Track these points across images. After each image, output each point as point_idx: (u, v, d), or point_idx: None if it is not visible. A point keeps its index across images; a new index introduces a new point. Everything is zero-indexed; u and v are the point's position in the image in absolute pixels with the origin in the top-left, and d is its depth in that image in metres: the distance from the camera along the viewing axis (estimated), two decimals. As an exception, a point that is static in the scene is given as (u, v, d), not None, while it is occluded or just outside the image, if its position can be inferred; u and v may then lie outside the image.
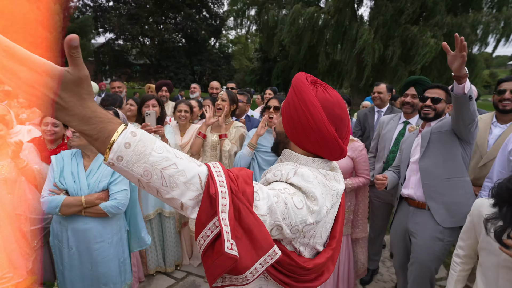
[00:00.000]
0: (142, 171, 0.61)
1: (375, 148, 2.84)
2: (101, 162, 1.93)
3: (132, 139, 0.60)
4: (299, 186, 0.81)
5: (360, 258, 2.57)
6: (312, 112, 0.84)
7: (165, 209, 2.81)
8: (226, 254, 0.63)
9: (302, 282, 0.88)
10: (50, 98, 0.53)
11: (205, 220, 0.66)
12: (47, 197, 1.76)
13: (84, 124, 0.57)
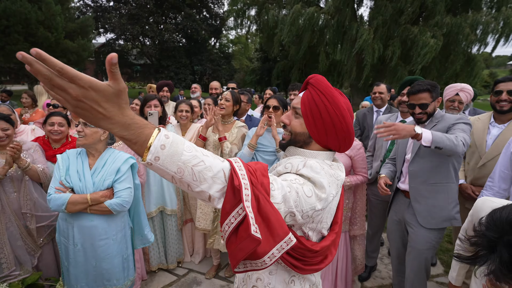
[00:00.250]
0: (176, 169, 0.69)
1: (372, 147, 2.89)
2: (105, 161, 1.97)
3: (166, 141, 0.68)
4: (308, 177, 0.90)
5: (358, 255, 2.62)
6: (344, 115, 0.97)
7: (167, 207, 2.86)
8: (252, 236, 0.70)
9: (310, 265, 0.98)
10: (95, 109, 0.61)
11: (229, 209, 0.74)
12: (53, 195, 1.81)
13: (124, 130, 0.65)
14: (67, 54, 15.63)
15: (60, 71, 0.56)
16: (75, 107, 0.61)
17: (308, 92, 1.01)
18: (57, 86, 0.58)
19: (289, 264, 0.96)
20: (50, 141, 2.52)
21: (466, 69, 12.85)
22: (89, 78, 0.59)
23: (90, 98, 0.60)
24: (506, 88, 2.19)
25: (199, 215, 2.82)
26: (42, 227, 2.38)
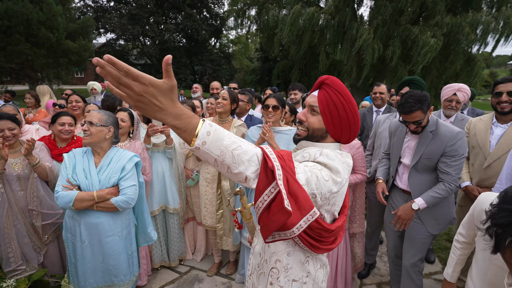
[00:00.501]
0: (219, 152, 0.80)
1: (371, 146, 2.94)
2: (110, 159, 2.02)
3: (211, 129, 0.79)
4: (324, 163, 1.02)
5: (357, 252, 2.67)
6: (357, 112, 1.13)
7: (169, 205, 2.91)
8: (285, 208, 0.81)
9: (325, 244, 1.11)
10: (153, 102, 0.73)
11: (263, 188, 0.85)
12: (61, 192, 1.86)
13: (176, 120, 0.76)
14: (68, 54, 15.70)
15: (127, 72, 0.69)
16: (136, 102, 0.72)
17: (324, 92, 1.13)
18: (124, 84, 0.69)
19: (307, 244, 1.08)
20: (57, 140, 2.57)
21: (466, 68, 12.82)
22: (149, 77, 0.71)
23: (149, 93, 0.71)
24: (505, 89, 2.19)
25: (204, 213, 2.86)
26: (48, 224, 2.43)
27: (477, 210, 1.50)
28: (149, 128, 2.58)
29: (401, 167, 2.25)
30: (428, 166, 2.10)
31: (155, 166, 2.83)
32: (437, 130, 2.05)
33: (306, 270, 1.15)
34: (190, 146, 0.79)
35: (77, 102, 3.34)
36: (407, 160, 2.19)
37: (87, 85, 4.96)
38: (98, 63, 0.66)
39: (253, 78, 25.32)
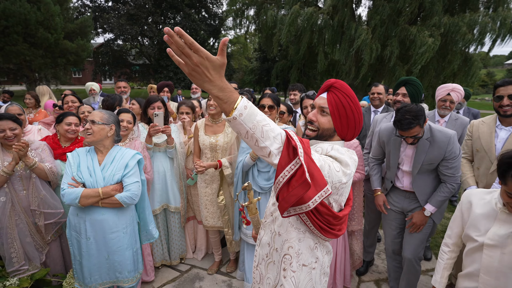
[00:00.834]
0: (251, 125, 0.93)
1: (369, 144, 2.97)
2: (114, 157, 2.07)
3: (248, 104, 0.92)
4: (335, 157, 1.14)
5: (355, 249, 2.71)
6: (361, 112, 1.25)
7: (170, 204, 2.94)
8: (306, 181, 0.92)
9: (331, 230, 1.21)
10: (205, 74, 0.86)
11: (285, 163, 0.94)
12: (67, 190, 1.90)
13: (220, 92, 0.90)
14: (66, 54, 15.69)
15: (191, 44, 0.82)
16: (191, 70, 0.86)
17: (333, 94, 1.23)
18: (186, 53, 0.83)
19: (318, 227, 1.18)
20: (61, 140, 2.59)
21: (463, 68, 12.91)
22: (207, 52, 0.84)
23: (204, 65, 0.85)
24: (506, 92, 2.15)
25: (205, 214, 2.89)
26: (50, 224, 2.45)
27: (464, 204, 1.60)
28: (151, 128, 2.61)
29: (400, 172, 2.34)
30: (428, 170, 2.21)
31: (156, 166, 2.86)
32: (432, 136, 2.12)
33: (315, 256, 1.25)
34: (227, 117, 0.92)
35: (73, 102, 3.37)
36: (406, 167, 2.26)
37: (86, 86, 4.97)
38: (169, 32, 0.79)
39: (252, 78, 25.36)
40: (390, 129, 2.34)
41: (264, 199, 2.51)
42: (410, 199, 2.33)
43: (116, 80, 4.42)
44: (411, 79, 2.67)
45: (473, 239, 1.52)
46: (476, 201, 1.54)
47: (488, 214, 1.48)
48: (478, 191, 1.60)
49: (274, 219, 1.32)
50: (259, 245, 1.40)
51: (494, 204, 1.48)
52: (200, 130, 2.84)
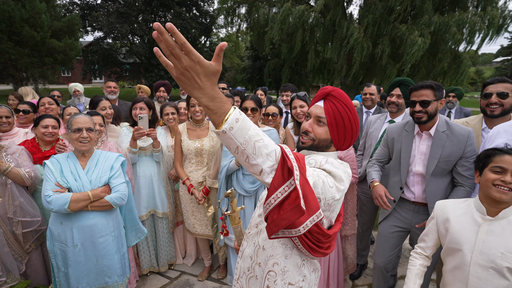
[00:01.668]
0: (242, 140, 0.83)
1: (363, 146, 2.93)
2: (97, 160, 2.02)
3: (240, 117, 0.83)
4: (329, 171, 1.06)
5: (349, 254, 2.66)
6: (357, 122, 1.19)
7: (158, 210, 2.84)
8: (300, 207, 0.84)
9: (321, 249, 1.14)
10: (195, 79, 0.76)
11: (278, 184, 0.87)
12: (53, 196, 1.82)
13: (210, 101, 0.80)
14: (53, 53, 15.29)
15: (182, 45, 0.71)
16: (180, 74, 0.76)
17: (331, 103, 1.17)
18: (175, 54, 0.73)
19: (306, 246, 1.11)
20: (40, 144, 2.48)
21: (453, 66, 13.06)
22: (199, 55, 0.74)
23: (194, 70, 0.75)
24: (495, 90, 2.01)
25: (193, 221, 2.80)
26: (29, 232, 2.33)
27: (439, 217, 1.52)
28: (135, 131, 2.49)
29: (410, 178, 2.09)
30: (444, 170, 1.96)
31: (143, 170, 2.75)
32: (450, 129, 1.93)
33: (302, 274, 1.18)
34: (216, 129, 0.83)
35: (50, 104, 3.22)
36: (419, 167, 2.01)
37: (69, 86, 4.79)
38: (159, 28, 0.69)
39: (244, 77, 25.23)
40: (400, 126, 2.15)
41: (249, 202, 2.44)
42: (419, 213, 2.07)
43: (106, 79, 4.24)
44: (405, 80, 2.62)
45: (454, 255, 1.43)
46: (452, 212, 1.46)
47: (468, 227, 1.39)
48: (451, 201, 1.52)
49: (259, 232, 1.24)
50: (241, 257, 1.31)
51: (472, 214, 1.40)
52: (183, 134, 2.73)
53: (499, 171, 1.30)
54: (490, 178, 1.32)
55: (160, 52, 0.75)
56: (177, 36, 0.70)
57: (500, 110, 2.00)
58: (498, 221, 1.33)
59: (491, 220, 1.34)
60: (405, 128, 2.12)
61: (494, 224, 1.33)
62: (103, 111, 2.79)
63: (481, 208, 1.38)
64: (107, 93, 4.05)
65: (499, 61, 39.64)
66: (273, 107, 2.74)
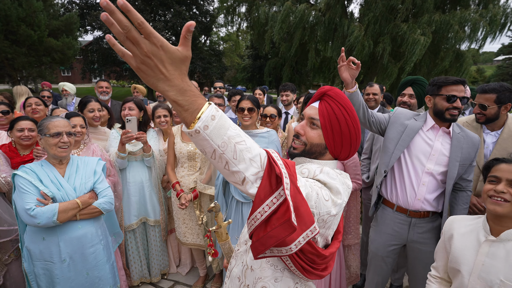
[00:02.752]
0: (220, 142, 0.69)
1: (369, 149, 2.76)
2: (77, 166, 1.90)
3: (216, 113, 0.68)
4: (325, 182, 0.92)
5: (352, 264, 2.50)
6: (359, 127, 1.03)
7: (149, 217, 2.68)
8: (290, 222, 0.71)
9: (316, 270, 1.00)
10: (159, 68, 0.62)
11: (264, 196, 0.73)
12: (38, 209, 1.66)
13: (180, 95, 0.66)
14: (51, 52, 15.09)
15: (140, 25, 0.57)
16: (140, 63, 0.62)
17: (326, 104, 1.02)
18: (132, 38, 0.59)
19: (300, 268, 0.97)
20: (18, 148, 2.32)
21: (455, 65, 12.92)
22: (162, 38, 0.61)
23: (158, 56, 0.61)
24: (478, 101, 2.08)
25: (184, 230, 2.64)
26: (9, 241, 2.18)
27: (446, 232, 1.39)
28: (123, 135, 2.33)
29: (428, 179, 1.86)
30: (458, 175, 1.83)
31: (133, 176, 2.59)
32: (463, 132, 1.85)
33: None
34: (188, 129, 0.68)
35: (37, 104, 3.04)
36: (431, 165, 1.83)
37: (58, 85, 4.61)
38: (108, 6, 0.54)
39: (244, 76, 25.09)
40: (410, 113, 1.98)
41: (248, 210, 2.28)
42: (416, 226, 1.88)
43: (106, 79, 4.07)
44: (418, 79, 2.44)
45: (455, 276, 1.29)
46: (458, 230, 1.33)
47: (470, 246, 1.25)
48: (461, 217, 1.38)
49: (247, 250, 1.09)
50: (229, 277, 1.17)
51: (477, 233, 1.25)
52: (176, 137, 2.58)
53: (494, 180, 1.20)
54: (485, 189, 1.22)
55: (114, 39, 0.59)
56: (132, 14, 0.56)
57: (484, 118, 2.08)
58: (503, 243, 1.17)
59: (493, 241, 1.19)
60: (414, 117, 1.95)
61: (498, 246, 1.18)
62: (91, 113, 2.62)
63: (486, 226, 1.23)
64: (99, 93, 3.87)
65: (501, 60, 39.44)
66: (271, 108, 2.59)
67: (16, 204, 1.70)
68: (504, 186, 1.16)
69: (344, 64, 1.82)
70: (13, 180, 1.74)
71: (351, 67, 1.81)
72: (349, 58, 1.80)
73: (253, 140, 0.85)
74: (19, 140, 2.26)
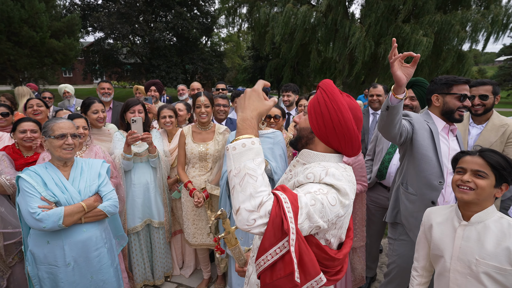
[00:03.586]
0: (237, 166, 0.83)
1: (372, 150, 2.74)
2: (81, 169, 1.90)
3: (248, 145, 0.85)
4: (331, 184, 0.93)
5: (357, 267, 2.48)
6: (342, 111, 1.01)
7: (154, 219, 2.66)
8: (294, 281, 0.78)
9: (330, 275, 1.00)
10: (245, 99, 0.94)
11: (268, 246, 0.80)
12: (43, 213, 1.64)
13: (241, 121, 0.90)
14: (53, 53, 15.14)
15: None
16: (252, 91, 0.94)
17: (316, 93, 1.09)
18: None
19: None
20: (21, 149, 2.31)
21: (457, 66, 12.88)
22: (259, 88, 0.94)
23: (249, 94, 0.94)
24: (477, 92, 2.26)
25: (194, 230, 2.61)
26: (13, 244, 2.17)
27: (426, 223, 1.51)
28: (128, 136, 2.32)
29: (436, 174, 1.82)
30: None
31: (138, 178, 2.57)
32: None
33: None
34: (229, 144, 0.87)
35: (38, 106, 3.02)
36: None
37: (59, 88, 4.59)
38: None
39: (245, 77, 25.08)
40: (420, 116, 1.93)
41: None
42: None
43: (107, 80, 4.06)
44: (418, 80, 2.41)
45: (438, 262, 1.43)
46: (435, 219, 1.47)
47: (448, 233, 1.39)
48: (437, 208, 1.53)
49: None
50: (247, 283, 1.18)
51: (452, 220, 1.40)
52: (188, 137, 2.57)
53: (461, 171, 1.33)
54: (454, 179, 1.35)
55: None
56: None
57: (483, 109, 2.27)
58: (474, 225, 1.31)
59: (466, 225, 1.33)
60: (426, 120, 1.91)
61: (470, 229, 1.32)
62: (95, 115, 2.61)
63: (458, 213, 1.37)
64: (101, 95, 3.86)
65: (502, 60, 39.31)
66: (276, 109, 2.57)
67: (21, 207, 1.69)
68: (469, 176, 1.28)
69: (398, 58, 1.52)
70: (17, 183, 1.73)
71: (404, 65, 1.53)
72: (403, 53, 1.50)
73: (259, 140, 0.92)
74: (22, 142, 2.26)
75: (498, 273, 1.21)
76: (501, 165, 1.23)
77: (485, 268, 1.23)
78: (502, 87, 28.51)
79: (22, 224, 1.83)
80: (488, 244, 1.24)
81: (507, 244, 1.20)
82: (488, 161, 1.25)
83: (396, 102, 1.59)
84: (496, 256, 1.22)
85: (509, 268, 1.19)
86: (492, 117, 2.33)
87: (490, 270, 1.22)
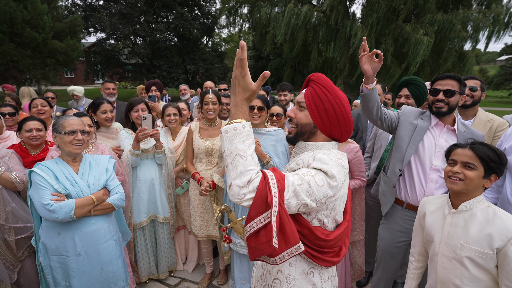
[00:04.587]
0: (229, 147, 0.94)
1: (371, 148, 2.80)
2: (89, 164, 1.98)
3: (240, 128, 0.95)
4: (318, 168, 1.01)
5: (357, 261, 2.54)
6: (344, 104, 1.11)
7: (159, 214, 2.73)
8: (271, 244, 0.89)
9: (328, 256, 1.09)
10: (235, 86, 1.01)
11: (254, 215, 0.92)
12: (56, 205, 1.73)
13: (234, 107, 1.00)
14: (55, 54, 15.25)
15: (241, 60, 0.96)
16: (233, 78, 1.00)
17: (310, 88, 1.14)
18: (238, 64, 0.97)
19: (310, 256, 1.08)
20: (28, 148, 2.37)
21: (458, 65, 12.88)
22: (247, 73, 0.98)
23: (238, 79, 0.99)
24: (468, 85, 2.25)
25: (200, 223, 2.68)
26: (23, 239, 2.24)
27: (420, 211, 1.61)
28: (139, 133, 2.39)
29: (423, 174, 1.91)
30: None
31: (143, 174, 2.64)
32: (468, 130, 1.91)
33: (311, 282, 1.12)
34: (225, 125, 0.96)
35: (42, 106, 3.11)
36: (438, 161, 1.86)
37: (68, 90, 4.72)
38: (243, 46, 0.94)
39: (246, 77, 25.06)
40: (416, 111, 2.01)
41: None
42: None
43: (111, 80, 4.16)
44: (412, 79, 2.47)
45: (429, 247, 1.52)
46: (428, 208, 1.56)
47: (439, 220, 1.48)
48: (431, 197, 1.61)
49: None
50: (255, 265, 1.30)
51: (443, 208, 1.48)
52: (195, 133, 2.66)
53: (452, 162, 1.41)
54: (446, 170, 1.43)
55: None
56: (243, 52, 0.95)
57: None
58: (462, 213, 1.39)
59: (454, 213, 1.41)
60: (420, 116, 1.99)
61: (458, 217, 1.40)
62: (103, 115, 2.68)
63: (449, 202, 1.46)
64: (106, 95, 3.94)
65: (504, 60, 39.20)
66: (278, 107, 2.64)
67: (34, 200, 1.76)
68: (459, 167, 1.36)
69: (366, 54, 1.73)
70: (30, 177, 1.80)
71: (373, 60, 1.73)
72: (372, 50, 1.72)
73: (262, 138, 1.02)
74: (28, 140, 2.32)
75: (479, 256, 1.30)
76: (489, 157, 1.31)
77: (468, 252, 1.32)
78: (504, 87, 28.44)
79: (33, 217, 1.90)
80: (472, 230, 1.33)
81: (489, 231, 1.29)
82: (477, 153, 1.32)
83: (366, 91, 1.82)
84: (478, 241, 1.30)
85: (489, 252, 1.28)
86: (478, 113, 2.39)
87: (472, 254, 1.31)
